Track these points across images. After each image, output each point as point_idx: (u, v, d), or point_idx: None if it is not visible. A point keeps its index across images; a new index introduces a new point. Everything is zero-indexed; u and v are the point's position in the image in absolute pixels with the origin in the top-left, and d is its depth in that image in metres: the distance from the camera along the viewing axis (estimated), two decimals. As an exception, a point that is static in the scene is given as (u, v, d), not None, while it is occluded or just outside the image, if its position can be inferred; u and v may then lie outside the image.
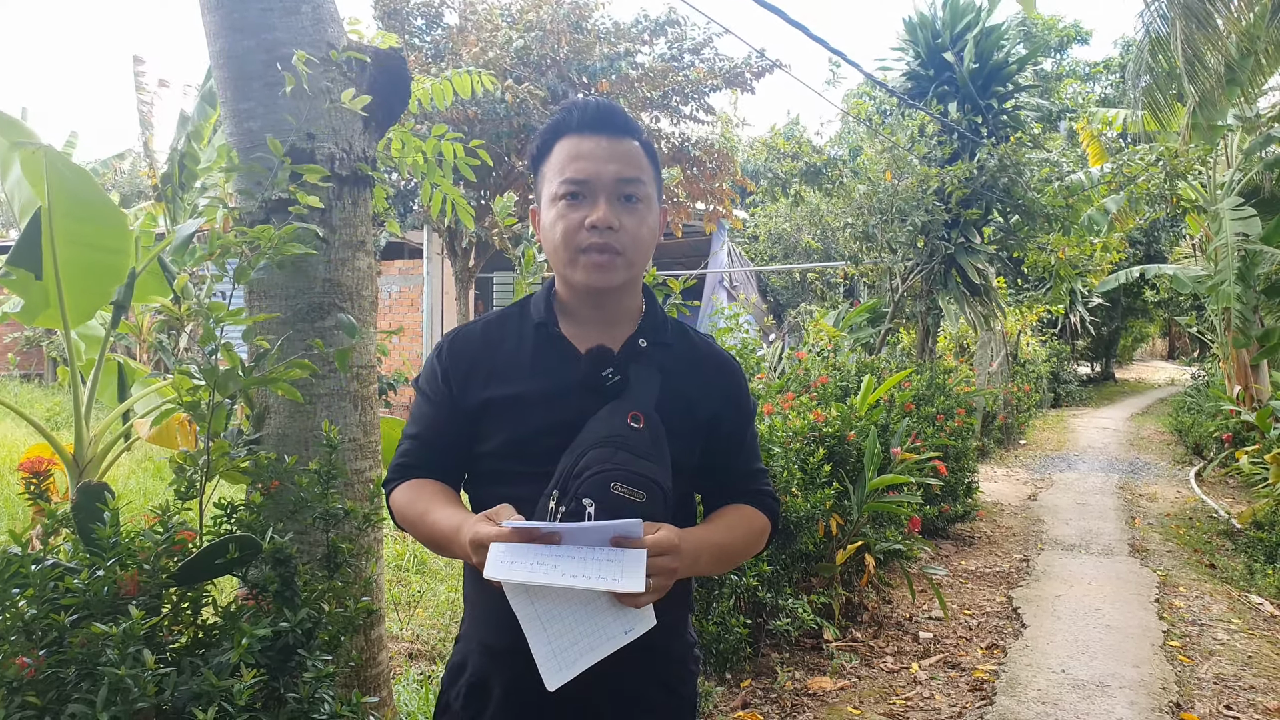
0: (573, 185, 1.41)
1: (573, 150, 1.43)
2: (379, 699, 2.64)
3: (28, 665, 1.54)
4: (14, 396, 12.07)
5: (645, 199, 1.45)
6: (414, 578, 5.16)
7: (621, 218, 1.41)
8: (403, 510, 1.48)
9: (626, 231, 1.42)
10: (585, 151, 1.42)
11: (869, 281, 10.27)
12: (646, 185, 1.46)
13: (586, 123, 1.44)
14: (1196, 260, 14.21)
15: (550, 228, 1.44)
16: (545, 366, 1.46)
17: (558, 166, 1.43)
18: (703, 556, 1.39)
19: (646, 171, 1.47)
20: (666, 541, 1.26)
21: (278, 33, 2.49)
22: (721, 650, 3.77)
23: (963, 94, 9.72)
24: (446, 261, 11.22)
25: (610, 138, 1.43)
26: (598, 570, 1.18)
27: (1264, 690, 4.13)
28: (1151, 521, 8.02)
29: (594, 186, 1.41)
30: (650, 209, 1.47)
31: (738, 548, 1.52)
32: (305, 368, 2.21)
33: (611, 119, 1.45)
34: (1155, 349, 41.21)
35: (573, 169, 1.41)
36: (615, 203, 1.42)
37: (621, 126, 1.46)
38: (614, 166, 1.42)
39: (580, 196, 1.41)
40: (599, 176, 1.41)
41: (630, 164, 1.44)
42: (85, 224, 2.87)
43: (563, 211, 1.42)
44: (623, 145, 1.44)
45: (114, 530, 1.74)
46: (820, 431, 4.61)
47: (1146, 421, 16.77)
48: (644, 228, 1.45)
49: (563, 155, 1.43)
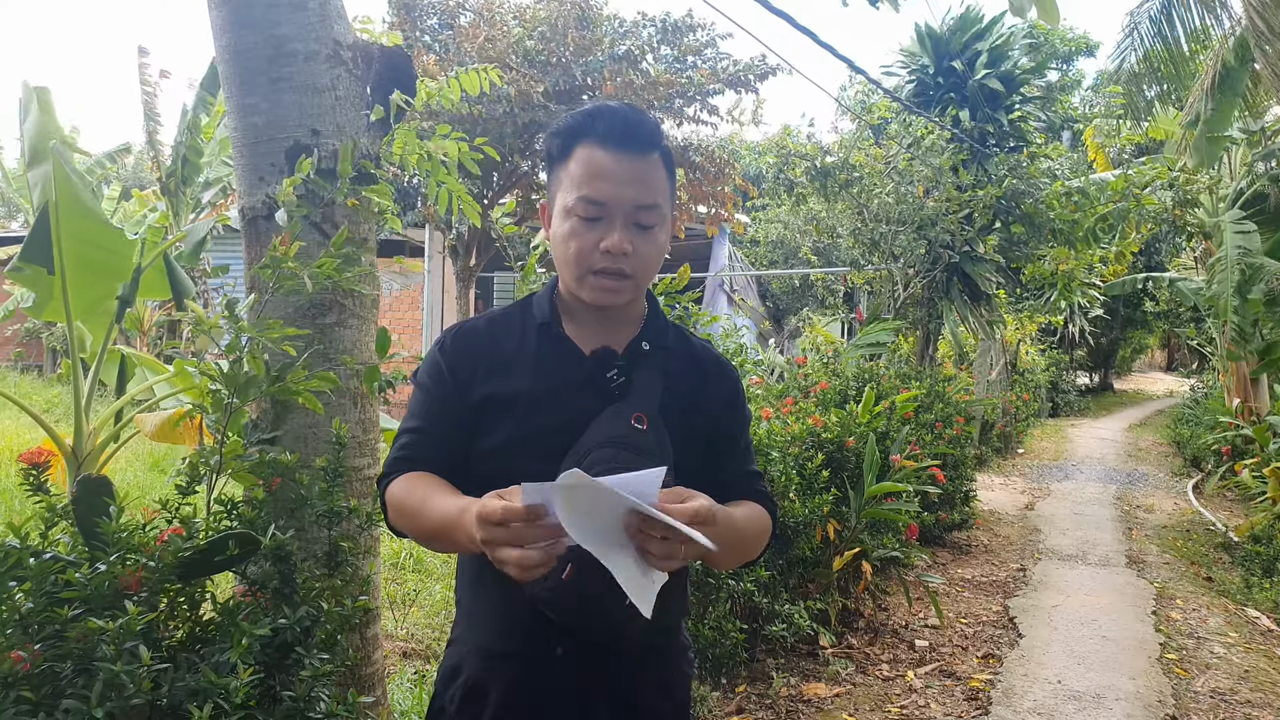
0: (590, 206, 1.39)
1: (594, 165, 1.40)
2: (374, 698, 2.64)
3: (23, 659, 1.53)
4: (13, 388, 12.05)
5: (660, 221, 1.44)
6: (409, 576, 5.15)
7: (636, 243, 1.40)
8: (400, 501, 1.41)
9: (639, 256, 1.41)
10: (606, 170, 1.39)
11: (871, 289, 10.26)
12: (663, 207, 1.44)
13: (613, 136, 1.40)
14: (1198, 272, 14.22)
15: (563, 241, 1.42)
16: (549, 366, 1.45)
17: (576, 179, 1.41)
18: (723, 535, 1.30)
19: (664, 192, 1.45)
20: (705, 511, 1.20)
21: (283, 28, 2.48)
22: (717, 655, 3.76)
23: (970, 103, 9.72)
24: (447, 260, 11.22)
25: (633, 156, 1.41)
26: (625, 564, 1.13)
27: (1260, 705, 4.12)
28: (1149, 533, 8.02)
29: (611, 210, 1.39)
30: (664, 229, 1.46)
31: (749, 538, 1.48)
32: (328, 380, 2.21)
33: (637, 134, 1.42)
34: (1154, 360, 41.23)
35: (592, 188, 1.39)
36: (631, 228, 1.40)
37: (646, 141, 1.43)
38: (633, 191, 1.39)
39: (597, 218, 1.40)
40: (618, 200, 1.39)
41: (650, 188, 1.42)
42: (88, 220, 2.87)
43: (576, 229, 1.40)
44: (644, 164, 1.42)
45: (117, 524, 1.73)
46: (819, 437, 4.61)
47: (1145, 433, 16.78)
48: (655, 249, 1.45)
49: (583, 167, 1.40)
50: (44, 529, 1.80)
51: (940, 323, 9.42)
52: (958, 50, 10.04)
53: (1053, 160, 9.37)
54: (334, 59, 2.54)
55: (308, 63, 2.51)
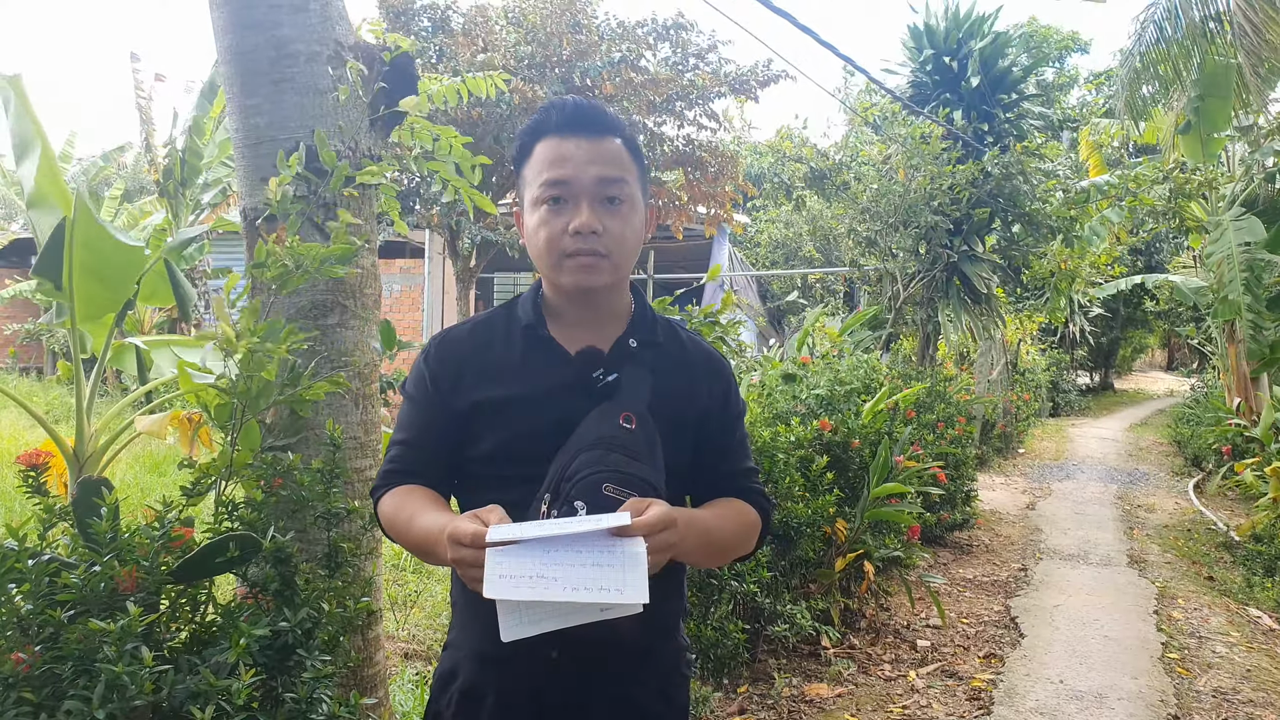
0: (553, 189, 1.39)
1: (553, 152, 1.41)
2: (376, 699, 2.63)
3: (23, 661, 1.53)
4: (12, 390, 12.04)
5: (629, 199, 1.43)
6: (410, 577, 5.14)
7: (605, 221, 1.40)
8: (390, 517, 1.44)
9: (610, 234, 1.40)
10: (565, 153, 1.40)
11: (870, 289, 10.26)
12: (630, 185, 1.43)
13: (565, 123, 1.42)
14: (1197, 271, 14.21)
15: (534, 233, 1.42)
16: (535, 369, 1.45)
17: (538, 169, 1.41)
18: (690, 537, 1.32)
19: (630, 170, 1.44)
20: (661, 518, 1.22)
21: (285, 30, 2.48)
22: (719, 655, 3.76)
23: (967, 102, 9.72)
24: (447, 261, 11.21)
25: (591, 138, 1.41)
26: (599, 578, 1.15)
27: (1263, 704, 4.11)
28: (1150, 532, 8.01)
29: (575, 189, 1.39)
30: (635, 209, 1.45)
31: (726, 537, 1.47)
32: (340, 384, 2.21)
33: (591, 118, 1.43)
34: (1154, 360, 41.20)
35: (552, 171, 1.39)
36: (598, 205, 1.40)
37: (602, 125, 1.43)
38: (595, 168, 1.39)
39: (562, 200, 1.39)
40: (580, 179, 1.39)
41: (612, 164, 1.41)
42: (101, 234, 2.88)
43: (545, 217, 1.40)
44: (604, 145, 1.42)
45: (112, 525, 1.73)
46: (824, 439, 4.60)
47: (1145, 432, 16.77)
48: (628, 228, 1.43)
49: (543, 157, 1.41)
50: (42, 531, 1.80)
51: (938, 323, 9.42)
52: (955, 49, 10.05)
53: (1050, 160, 9.37)
54: (336, 60, 2.54)
55: (309, 64, 2.50)
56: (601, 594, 1.13)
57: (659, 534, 1.22)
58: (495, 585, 1.14)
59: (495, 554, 1.15)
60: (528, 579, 1.14)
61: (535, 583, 1.13)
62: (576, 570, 1.15)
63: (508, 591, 1.13)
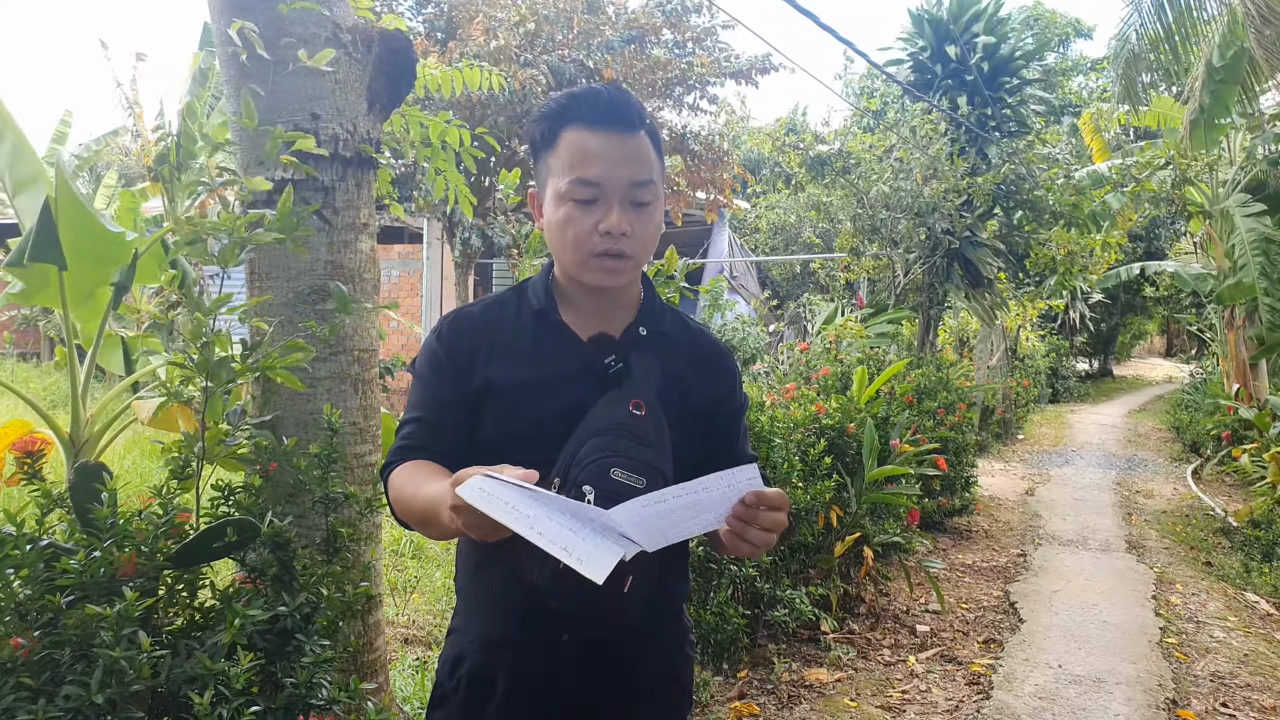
0: (585, 189, 1.38)
1: (583, 147, 1.38)
2: (376, 684, 2.63)
3: (22, 646, 1.52)
4: (9, 375, 12.04)
5: (655, 199, 1.43)
6: (410, 563, 5.15)
7: (633, 223, 1.39)
8: (399, 489, 1.40)
9: (637, 237, 1.40)
10: (597, 151, 1.38)
11: (871, 276, 10.22)
12: (656, 184, 1.43)
13: (598, 116, 1.39)
14: (1197, 257, 14.18)
15: (559, 227, 1.41)
16: (546, 353, 1.44)
17: (567, 161, 1.39)
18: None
19: (656, 168, 1.44)
20: (784, 497, 1.24)
21: (282, 11, 2.45)
22: (719, 640, 3.76)
23: (970, 88, 9.67)
24: (446, 247, 11.18)
25: (622, 134, 1.39)
26: (567, 540, 1.10)
27: (1260, 688, 4.13)
28: (1149, 518, 8.02)
29: (607, 190, 1.38)
30: (658, 205, 1.45)
31: None
32: (303, 350, 2.19)
33: (623, 112, 1.41)
34: (1153, 346, 41.25)
35: (584, 170, 1.37)
36: (627, 208, 1.39)
37: (633, 119, 1.41)
38: (626, 170, 1.38)
39: (592, 200, 1.38)
40: (612, 180, 1.37)
41: (642, 164, 1.40)
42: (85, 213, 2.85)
43: (572, 214, 1.39)
44: (634, 142, 1.40)
45: (111, 510, 1.72)
46: (821, 423, 4.59)
47: (1144, 418, 16.79)
48: (652, 227, 1.44)
49: (572, 150, 1.39)
50: (40, 516, 1.79)
51: (941, 309, 9.40)
52: (957, 34, 9.98)
53: (1052, 146, 9.33)
54: (334, 42, 2.51)
55: (307, 46, 2.48)
56: (561, 552, 1.09)
57: (777, 513, 1.22)
58: (470, 490, 1.10)
59: (491, 479, 1.11)
60: (502, 502, 1.10)
61: (506, 509, 1.10)
62: (551, 523, 1.11)
63: (476, 499, 1.09)
